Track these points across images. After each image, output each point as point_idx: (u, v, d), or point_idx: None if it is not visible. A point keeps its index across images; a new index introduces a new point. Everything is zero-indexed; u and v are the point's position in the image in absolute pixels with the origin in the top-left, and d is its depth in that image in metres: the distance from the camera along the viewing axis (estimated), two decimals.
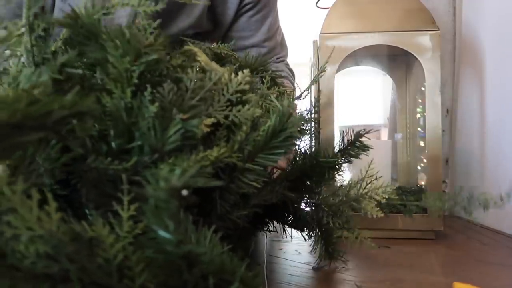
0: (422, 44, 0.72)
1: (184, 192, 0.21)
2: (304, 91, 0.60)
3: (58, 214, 0.20)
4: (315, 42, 0.78)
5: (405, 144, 0.92)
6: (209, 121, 0.32)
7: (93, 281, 0.22)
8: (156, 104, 0.28)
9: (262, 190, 0.41)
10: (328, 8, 0.78)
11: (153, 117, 0.28)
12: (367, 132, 0.53)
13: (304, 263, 0.55)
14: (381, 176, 0.50)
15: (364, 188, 0.49)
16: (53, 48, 0.32)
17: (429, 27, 0.72)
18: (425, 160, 0.78)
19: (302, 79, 0.93)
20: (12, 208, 0.19)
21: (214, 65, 0.40)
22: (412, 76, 0.91)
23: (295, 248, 0.63)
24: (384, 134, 1.02)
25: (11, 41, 0.31)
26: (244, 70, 0.35)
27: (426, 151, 0.74)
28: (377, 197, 0.48)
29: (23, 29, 0.31)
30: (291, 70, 0.89)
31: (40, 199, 0.20)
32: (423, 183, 0.82)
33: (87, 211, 0.29)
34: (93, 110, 0.20)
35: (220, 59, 0.54)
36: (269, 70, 0.57)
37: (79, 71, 0.30)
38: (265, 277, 0.49)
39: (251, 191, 0.35)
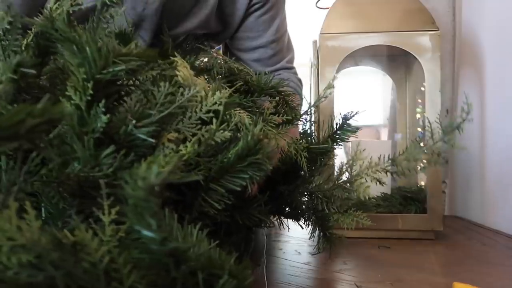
0: (422, 44, 0.72)
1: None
2: (305, 112, 0.59)
3: (38, 222, 0.20)
4: (315, 42, 0.78)
5: (405, 144, 0.92)
6: (172, 135, 0.32)
7: (81, 286, 0.22)
8: (108, 115, 0.28)
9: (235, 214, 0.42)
10: (328, 8, 0.78)
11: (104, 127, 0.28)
12: (354, 115, 0.54)
13: (304, 263, 0.55)
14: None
15: (355, 170, 0.50)
16: (24, 42, 0.32)
17: (428, 28, 0.72)
18: (425, 161, 0.78)
19: (301, 79, 0.92)
20: None
21: (197, 80, 0.40)
22: (411, 76, 0.91)
23: (295, 248, 0.63)
24: (384, 134, 1.02)
25: None
26: (223, 91, 0.35)
27: (425, 151, 0.74)
28: (368, 177, 0.48)
29: None
30: (299, 80, 0.89)
31: (20, 209, 0.19)
32: (423, 183, 0.82)
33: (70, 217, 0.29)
34: (65, 117, 0.20)
35: (232, 74, 0.53)
36: (281, 92, 0.56)
37: (34, 71, 0.30)
38: (265, 277, 0.49)
39: (212, 211, 0.35)
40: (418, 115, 0.89)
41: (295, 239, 0.69)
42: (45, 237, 0.20)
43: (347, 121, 0.53)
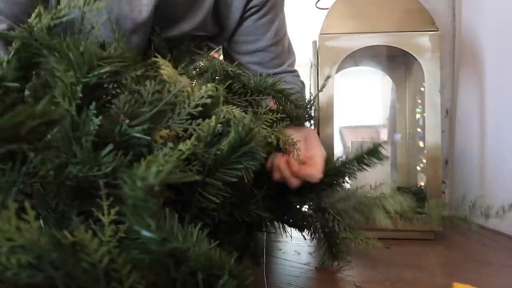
0: (422, 44, 0.72)
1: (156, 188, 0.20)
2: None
3: (37, 223, 0.20)
4: (314, 42, 0.78)
5: (404, 144, 0.92)
6: (163, 132, 0.32)
7: (80, 287, 0.22)
8: (100, 117, 0.28)
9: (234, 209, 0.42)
10: (327, 8, 0.78)
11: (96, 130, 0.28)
12: (380, 146, 0.53)
13: (304, 264, 0.55)
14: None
15: (373, 194, 0.49)
16: (6, 58, 0.31)
17: (428, 28, 0.72)
18: (424, 161, 0.78)
19: (304, 82, 0.92)
20: None
21: (180, 78, 0.40)
22: (411, 77, 0.91)
23: (295, 249, 0.63)
24: (384, 134, 1.01)
25: None
26: (209, 84, 0.35)
27: (425, 151, 0.74)
28: (389, 207, 0.47)
29: None
30: (302, 83, 0.88)
31: (19, 210, 0.19)
32: (422, 183, 0.82)
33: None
34: (65, 118, 0.20)
35: (229, 77, 0.53)
36: (282, 91, 0.55)
37: (16, 84, 0.30)
38: (265, 278, 0.49)
39: (211, 206, 0.35)
40: (417, 115, 0.89)
41: (295, 239, 0.69)
42: (44, 238, 0.20)
43: (377, 148, 0.53)
